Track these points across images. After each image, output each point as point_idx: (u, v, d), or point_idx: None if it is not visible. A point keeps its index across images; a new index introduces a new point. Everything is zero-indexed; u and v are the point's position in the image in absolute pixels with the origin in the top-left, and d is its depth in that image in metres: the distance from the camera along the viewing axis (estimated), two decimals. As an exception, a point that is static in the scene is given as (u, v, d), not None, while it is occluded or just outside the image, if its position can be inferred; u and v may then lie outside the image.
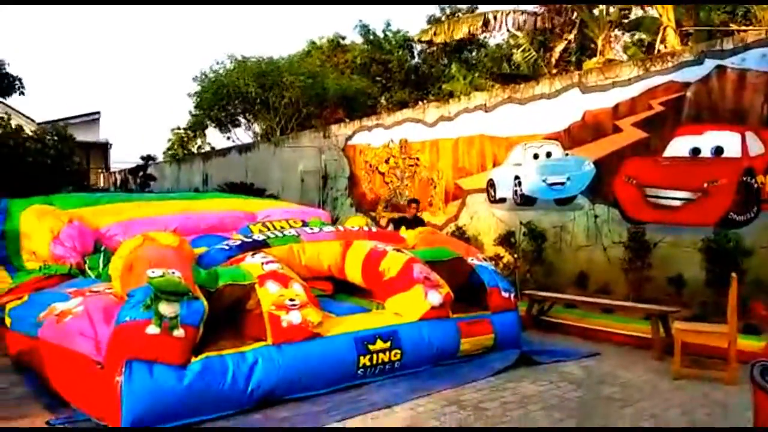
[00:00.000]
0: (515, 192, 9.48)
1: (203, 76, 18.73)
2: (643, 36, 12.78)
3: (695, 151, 7.46)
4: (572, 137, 8.75)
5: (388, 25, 23.28)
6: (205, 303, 4.34)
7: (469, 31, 12.60)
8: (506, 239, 8.75)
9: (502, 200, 9.69)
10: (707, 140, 7.34)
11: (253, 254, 5.51)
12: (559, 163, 8.90)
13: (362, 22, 23.30)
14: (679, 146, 7.61)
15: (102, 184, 22.31)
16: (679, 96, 7.61)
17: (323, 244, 6.27)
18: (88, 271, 6.23)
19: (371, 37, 22.26)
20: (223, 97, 17.75)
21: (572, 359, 5.81)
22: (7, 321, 5.95)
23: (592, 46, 12.07)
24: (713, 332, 5.30)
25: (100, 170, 23.11)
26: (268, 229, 6.52)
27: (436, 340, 5.41)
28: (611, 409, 4.42)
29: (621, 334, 6.52)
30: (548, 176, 9.01)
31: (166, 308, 4.10)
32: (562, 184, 8.83)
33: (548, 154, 9.05)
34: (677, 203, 7.57)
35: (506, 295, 6.09)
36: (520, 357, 5.63)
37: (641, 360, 5.79)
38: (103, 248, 6.60)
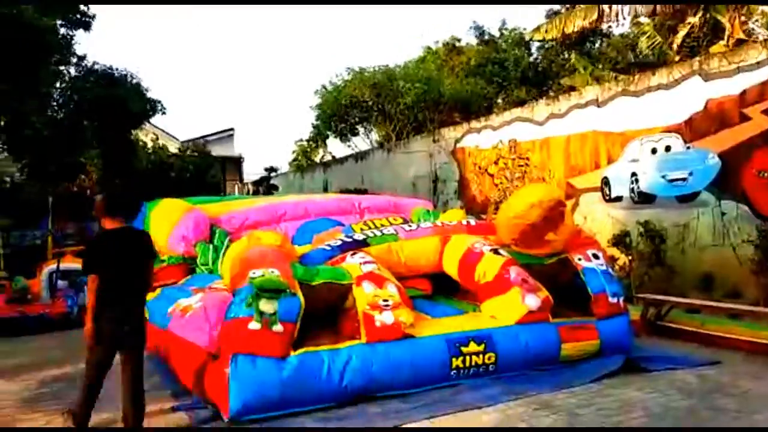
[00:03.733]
0: (632, 190, 8.95)
1: (323, 89, 19.69)
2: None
3: (841, 137, 6.60)
4: (694, 129, 8.09)
5: (504, 23, 22.96)
6: (302, 299, 4.65)
7: (583, 25, 12.06)
8: (621, 240, 8.28)
9: (618, 199, 9.19)
10: None
11: (352, 254, 5.76)
12: (679, 158, 8.28)
13: (476, 23, 23.13)
14: (820, 134, 6.77)
15: (236, 195, 24.22)
16: (819, 77, 6.78)
17: (421, 240, 6.37)
18: (200, 266, 6.82)
19: (486, 37, 22.02)
20: (341, 108, 18.51)
21: (687, 367, 5.41)
22: (145, 313, 6.77)
23: (723, 27, 11.01)
24: None
25: (234, 182, 25.14)
26: (369, 228, 6.73)
27: (534, 345, 5.31)
28: (720, 420, 4.09)
29: (749, 341, 5.95)
30: (668, 172, 8.40)
31: (266, 305, 4.47)
32: (684, 179, 8.20)
33: (667, 148, 8.45)
34: (819, 197, 6.73)
35: (614, 300, 5.80)
36: (627, 363, 5.36)
37: (769, 370, 5.25)
38: (217, 231, 7.10)
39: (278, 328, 4.47)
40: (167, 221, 7.19)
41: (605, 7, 11.50)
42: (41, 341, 7.88)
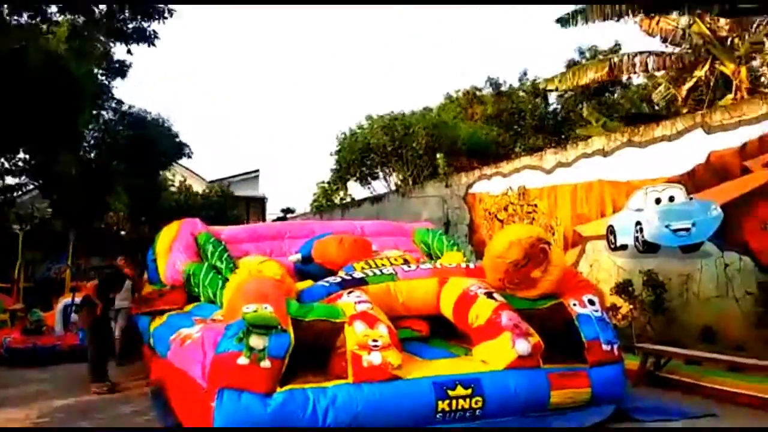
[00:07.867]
0: (636, 239, 8.96)
1: (343, 135, 20.31)
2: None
3: (843, 192, 6.60)
4: (696, 180, 8.15)
5: (525, 73, 23.44)
6: (292, 336, 4.76)
7: (595, 77, 12.35)
8: (624, 288, 8.26)
9: (623, 247, 9.20)
10: None
11: (349, 293, 5.83)
12: (683, 208, 8.31)
13: (490, 77, 23.73)
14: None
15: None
16: (819, 132, 6.83)
17: (419, 281, 6.43)
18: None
19: (502, 89, 22.64)
20: (360, 153, 19.02)
21: (679, 419, 5.36)
22: (151, 341, 6.96)
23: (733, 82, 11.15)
24: None
25: (257, 220, 25.72)
26: (369, 267, 6.86)
27: (523, 391, 5.28)
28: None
29: (747, 394, 5.86)
30: (672, 222, 8.43)
31: (256, 341, 4.60)
32: (687, 230, 8.21)
33: (671, 199, 8.50)
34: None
35: (608, 347, 5.77)
36: (617, 413, 5.33)
37: None
38: (202, 237, 7.45)
39: (266, 364, 4.58)
40: (163, 251, 7.58)
41: (615, 60, 11.79)
42: (51, 372, 8.12)
